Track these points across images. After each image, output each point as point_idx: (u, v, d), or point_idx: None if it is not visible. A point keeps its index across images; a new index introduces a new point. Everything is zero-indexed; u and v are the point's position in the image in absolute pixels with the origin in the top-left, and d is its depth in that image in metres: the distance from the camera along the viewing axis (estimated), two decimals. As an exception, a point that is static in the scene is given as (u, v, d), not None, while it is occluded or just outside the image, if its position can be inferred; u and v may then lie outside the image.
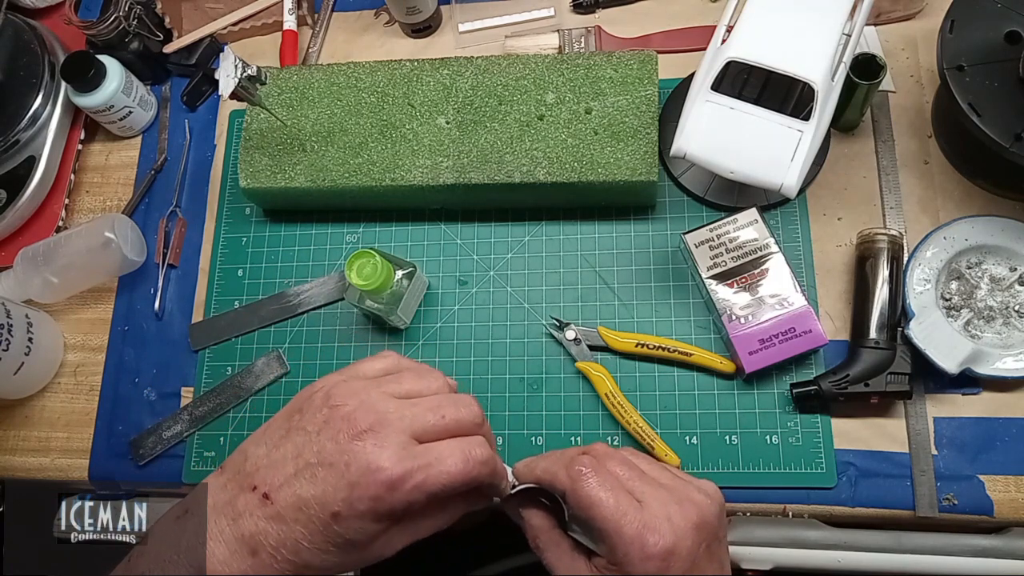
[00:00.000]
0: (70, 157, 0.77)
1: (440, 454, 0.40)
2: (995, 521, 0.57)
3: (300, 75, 0.70)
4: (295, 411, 0.43)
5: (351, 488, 0.39)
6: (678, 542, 0.41)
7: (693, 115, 0.58)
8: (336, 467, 0.39)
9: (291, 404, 0.44)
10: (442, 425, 0.41)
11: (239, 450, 0.43)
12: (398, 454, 0.39)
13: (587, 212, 0.69)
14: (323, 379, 0.44)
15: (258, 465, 0.41)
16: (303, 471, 0.40)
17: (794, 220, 0.66)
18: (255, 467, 0.41)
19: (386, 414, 0.40)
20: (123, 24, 0.75)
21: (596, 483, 0.43)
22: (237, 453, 0.43)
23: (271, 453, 0.41)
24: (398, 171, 0.66)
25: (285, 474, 0.40)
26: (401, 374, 0.45)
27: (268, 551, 0.39)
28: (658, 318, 0.65)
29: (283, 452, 0.41)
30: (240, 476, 0.41)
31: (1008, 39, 0.58)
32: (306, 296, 0.70)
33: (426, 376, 0.45)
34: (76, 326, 0.74)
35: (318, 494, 0.39)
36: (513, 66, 0.67)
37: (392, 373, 0.45)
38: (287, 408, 0.44)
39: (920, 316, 0.58)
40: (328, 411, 0.41)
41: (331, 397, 0.42)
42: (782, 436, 0.60)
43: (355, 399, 0.41)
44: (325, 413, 0.41)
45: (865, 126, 0.68)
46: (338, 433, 0.40)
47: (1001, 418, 0.59)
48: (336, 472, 0.39)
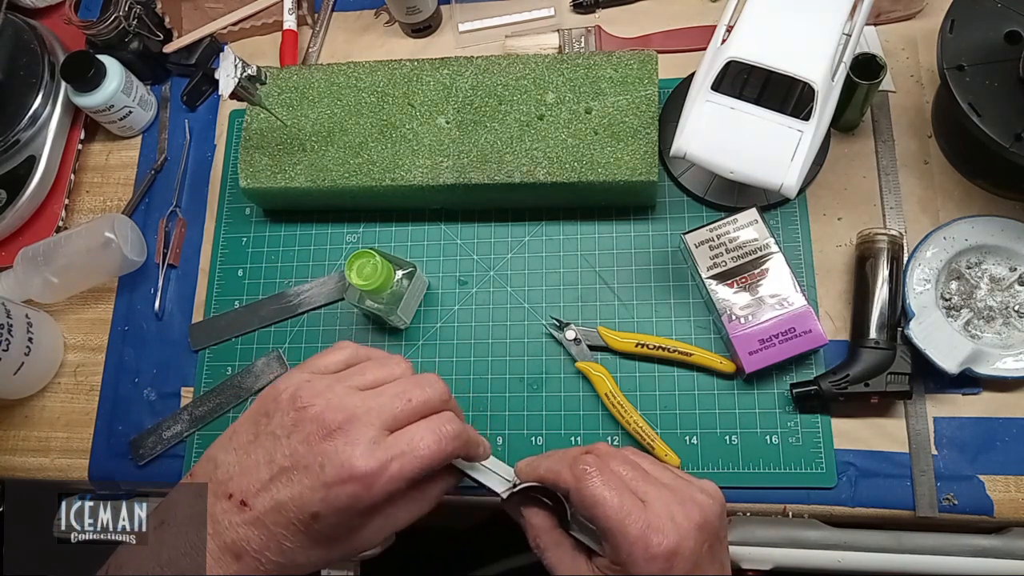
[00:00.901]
0: (70, 157, 0.77)
1: (412, 439, 0.41)
2: (995, 521, 0.57)
3: (300, 75, 0.70)
4: (261, 415, 0.43)
5: (327, 489, 0.39)
6: (681, 542, 0.41)
7: (693, 115, 0.58)
8: (311, 469, 0.39)
9: (255, 407, 0.44)
10: (410, 409, 0.42)
11: (207, 457, 0.43)
12: (370, 449, 0.39)
13: (587, 212, 0.69)
14: (284, 379, 0.44)
15: (230, 473, 0.41)
16: (278, 476, 0.40)
17: (794, 220, 0.66)
18: (227, 475, 0.41)
19: (354, 410, 0.41)
20: (123, 24, 0.75)
21: (600, 482, 0.43)
22: (205, 460, 0.43)
23: (242, 460, 0.41)
24: (398, 171, 0.66)
25: (260, 480, 0.40)
26: (363, 365, 0.45)
27: (252, 555, 0.40)
28: (658, 318, 0.65)
29: (255, 458, 0.41)
30: (213, 484, 0.41)
31: (1008, 39, 0.58)
32: (306, 296, 0.70)
33: (387, 363, 0.45)
34: (76, 326, 0.74)
35: (295, 496, 0.39)
36: (513, 66, 0.67)
37: (352, 364, 0.45)
38: (251, 411, 0.44)
39: (920, 316, 0.58)
40: (295, 413, 0.41)
41: (297, 399, 0.42)
42: (782, 436, 0.60)
43: (321, 398, 0.41)
44: (293, 416, 0.41)
45: (865, 126, 0.68)
46: (309, 435, 0.40)
47: (1001, 418, 0.59)
48: (311, 474, 0.39)
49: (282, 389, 0.43)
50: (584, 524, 0.46)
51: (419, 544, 0.43)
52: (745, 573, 0.59)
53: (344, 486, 0.39)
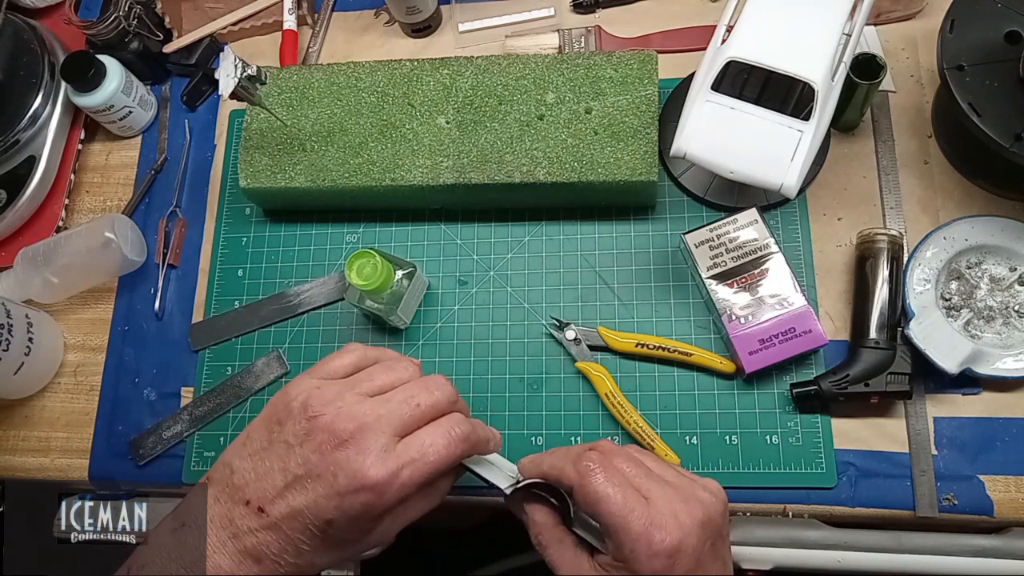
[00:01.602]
0: (70, 157, 0.77)
1: (422, 445, 0.41)
2: (995, 521, 0.57)
3: (300, 75, 0.70)
4: (273, 421, 0.43)
5: (341, 497, 0.40)
6: (684, 539, 0.41)
7: (693, 115, 0.58)
8: (324, 478, 0.40)
9: (267, 412, 0.44)
10: (419, 414, 0.42)
11: (223, 462, 0.44)
12: (381, 458, 0.40)
13: (587, 212, 0.69)
14: (295, 384, 0.44)
15: (246, 479, 0.42)
16: (292, 484, 0.41)
17: (794, 220, 0.66)
18: (243, 481, 0.42)
19: (364, 418, 0.41)
20: (123, 24, 0.75)
21: (604, 479, 0.43)
22: (222, 465, 0.44)
23: (257, 466, 0.42)
24: (398, 171, 0.66)
25: (275, 487, 0.41)
26: (371, 369, 0.45)
27: (271, 559, 0.41)
28: (658, 318, 0.65)
29: (269, 465, 0.42)
30: (230, 489, 0.42)
31: (1008, 39, 0.58)
32: (306, 296, 0.70)
33: (395, 366, 0.45)
34: (76, 326, 0.74)
35: (310, 504, 0.40)
36: (513, 66, 0.67)
37: (361, 366, 0.46)
38: (264, 416, 0.44)
39: (920, 316, 0.58)
40: (307, 422, 0.42)
41: (308, 407, 0.42)
42: (782, 436, 0.60)
43: (332, 407, 0.42)
44: (304, 425, 0.42)
45: (865, 126, 0.68)
46: (321, 444, 0.41)
47: (1001, 418, 0.59)
48: (324, 483, 0.40)
49: (293, 396, 0.43)
50: (586, 521, 0.46)
51: (419, 544, 0.43)
52: (745, 573, 0.59)
53: (357, 495, 0.40)
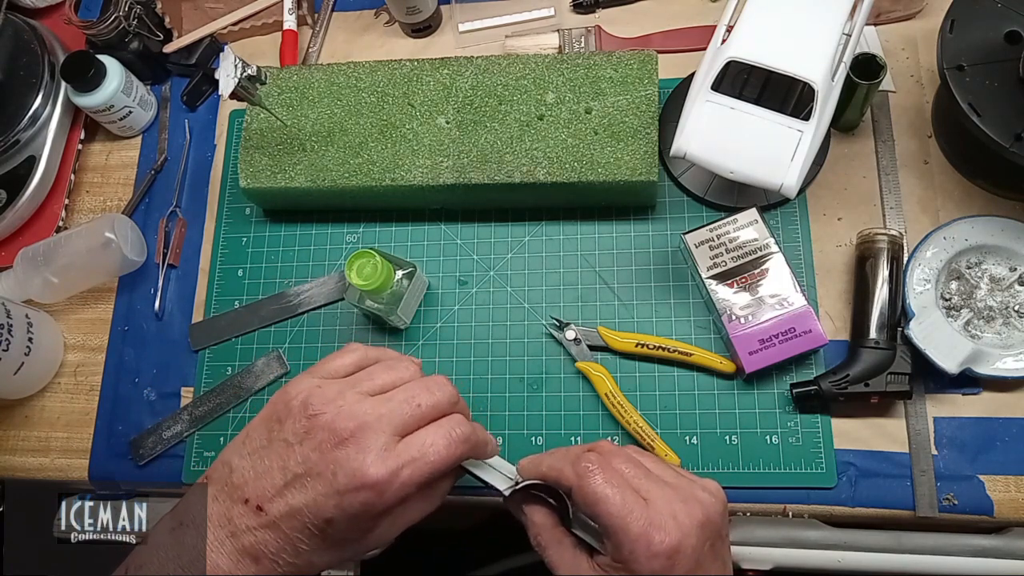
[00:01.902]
0: (70, 157, 0.77)
1: (422, 445, 0.41)
2: (995, 521, 0.57)
3: (300, 75, 0.70)
4: (273, 420, 0.43)
5: (340, 496, 0.40)
6: (683, 540, 0.41)
7: (693, 115, 0.58)
8: (324, 477, 0.40)
9: (267, 411, 0.44)
10: (420, 414, 0.42)
11: (221, 461, 0.44)
12: (381, 457, 0.40)
13: (587, 212, 0.69)
14: (295, 383, 0.44)
15: (245, 478, 0.42)
16: (292, 483, 0.41)
17: (794, 220, 0.66)
18: (243, 479, 0.42)
19: (364, 417, 0.41)
20: (123, 24, 0.75)
21: (603, 480, 0.43)
22: (220, 464, 0.44)
23: (256, 465, 0.42)
24: (398, 171, 0.66)
25: (274, 486, 0.41)
26: (372, 369, 0.45)
27: (269, 558, 0.41)
28: (658, 318, 0.65)
29: (268, 463, 0.42)
30: (229, 488, 0.42)
31: (1008, 39, 0.58)
32: (306, 296, 0.70)
33: (396, 366, 0.45)
34: (76, 326, 0.74)
35: (309, 503, 0.40)
36: (513, 66, 0.67)
37: (362, 366, 0.46)
38: (263, 415, 0.44)
39: (920, 316, 0.58)
40: (307, 421, 0.42)
41: (308, 406, 0.42)
42: (782, 436, 0.60)
43: (332, 406, 0.42)
44: (304, 423, 0.42)
45: (865, 126, 0.68)
46: (321, 443, 0.41)
47: (1001, 418, 0.59)
48: (324, 481, 0.40)
49: (293, 395, 0.43)
50: (585, 522, 0.46)
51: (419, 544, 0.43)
52: (745, 573, 0.59)
53: (357, 494, 0.39)
